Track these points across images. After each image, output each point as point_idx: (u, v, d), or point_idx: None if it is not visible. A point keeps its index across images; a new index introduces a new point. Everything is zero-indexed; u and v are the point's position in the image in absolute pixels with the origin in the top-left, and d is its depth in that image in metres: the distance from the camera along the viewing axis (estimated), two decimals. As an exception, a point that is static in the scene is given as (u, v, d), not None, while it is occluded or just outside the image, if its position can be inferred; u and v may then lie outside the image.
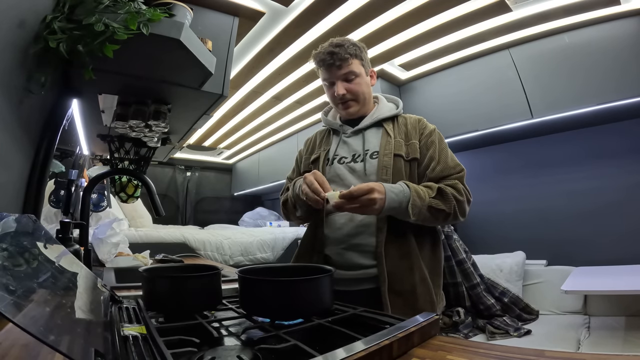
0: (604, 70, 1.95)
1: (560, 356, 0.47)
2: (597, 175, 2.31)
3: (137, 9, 0.87)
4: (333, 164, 1.08)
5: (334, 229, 1.02)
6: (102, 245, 1.59)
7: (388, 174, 0.98)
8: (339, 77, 1.05)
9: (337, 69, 1.04)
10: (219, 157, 4.95)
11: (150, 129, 1.32)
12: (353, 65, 1.04)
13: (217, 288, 0.72)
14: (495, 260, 2.41)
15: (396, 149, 1.01)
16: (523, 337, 1.91)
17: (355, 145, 1.08)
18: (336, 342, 0.49)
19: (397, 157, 1.01)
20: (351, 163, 1.05)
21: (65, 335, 0.35)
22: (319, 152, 1.14)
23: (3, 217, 0.49)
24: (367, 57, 1.11)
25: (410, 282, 0.93)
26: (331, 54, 1.03)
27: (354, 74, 1.05)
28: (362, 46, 1.10)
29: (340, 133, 1.12)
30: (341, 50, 1.03)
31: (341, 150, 1.09)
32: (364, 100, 1.09)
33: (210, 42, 1.23)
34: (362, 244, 0.98)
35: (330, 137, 1.16)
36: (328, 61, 1.04)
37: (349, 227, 1.00)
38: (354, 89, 1.06)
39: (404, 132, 1.06)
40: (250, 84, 2.64)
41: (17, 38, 0.70)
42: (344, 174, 1.05)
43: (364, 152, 1.05)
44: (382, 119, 1.08)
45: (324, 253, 1.02)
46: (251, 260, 2.90)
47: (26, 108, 0.80)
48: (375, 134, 1.08)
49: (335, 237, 1.01)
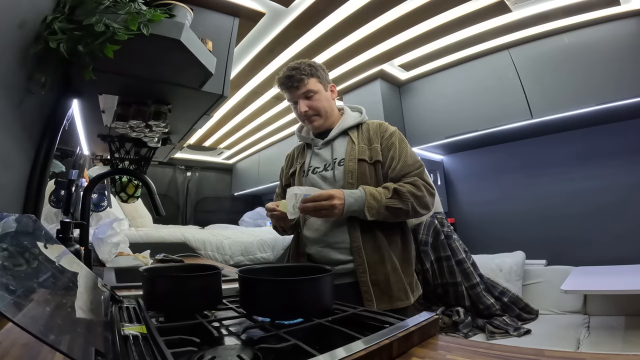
0: (604, 70, 1.96)
1: (559, 355, 0.47)
2: (596, 175, 2.31)
3: (138, 9, 0.87)
4: (308, 174, 1.19)
5: (313, 230, 1.13)
6: (102, 245, 1.59)
7: (353, 177, 1.08)
8: (300, 97, 1.16)
9: (295, 90, 1.16)
10: (219, 157, 4.95)
11: (151, 129, 1.32)
12: (310, 84, 1.15)
13: (217, 288, 0.72)
14: (495, 260, 2.42)
15: (359, 154, 1.11)
16: (523, 336, 1.91)
17: (326, 155, 1.19)
18: (336, 342, 0.49)
19: (361, 162, 1.11)
20: (323, 172, 1.17)
21: (66, 334, 0.35)
22: (295, 166, 1.26)
23: (3, 217, 0.49)
24: (324, 74, 1.21)
25: (383, 272, 1.03)
26: (288, 77, 1.15)
27: (312, 92, 1.15)
28: (319, 66, 1.20)
29: (313, 146, 1.24)
30: (296, 73, 1.14)
31: (314, 162, 1.21)
32: (326, 113, 1.19)
33: (210, 43, 1.24)
34: (337, 241, 1.08)
35: (305, 151, 1.28)
36: (287, 84, 1.16)
37: (325, 227, 1.11)
38: (314, 105, 1.16)
39: (367, 137, 1.16)
40: (251, 84, 2.64)
41: (18, 38, 0.70)
42: (317, 182, 1.16)
43: (333, 161, 1.16)
44: (347, 128, 1.19)
45: (307, 253, 1.14)
46: (251, 260, 2.90)
47: (27, 108, 0.80)
48: (342, 143, 1.18)
49: (314, 238, 1.13)
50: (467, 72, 2.50)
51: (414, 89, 2.84)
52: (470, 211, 2.94)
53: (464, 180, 3.02)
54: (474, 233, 2.83)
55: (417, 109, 2.81)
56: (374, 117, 2.59)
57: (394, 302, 1.00)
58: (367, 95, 2.78)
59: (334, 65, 2.37)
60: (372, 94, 2.74)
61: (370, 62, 2.42)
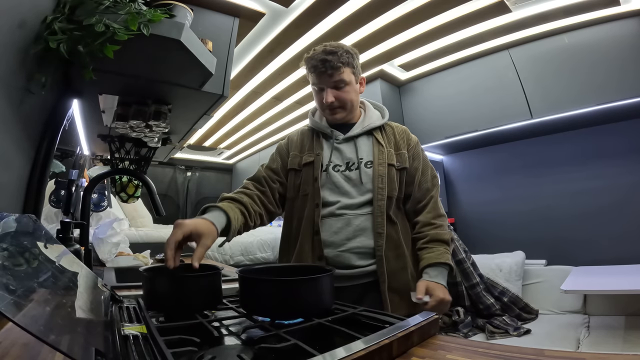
0: (604, 70, 1.96)
1: (559, 355, 0.47)
2: (596, 175, 2.31)
3: (138, 9, 0.87)
4: (327, 170, 1.08)
5: (331, 233, 1.03)
6: (102, 245, 1.59)
7: (383, 182, 1.04)
8: (329, 85, 1.05)
9: (328, 77, 1.04)
10: (219, 157, 4.95)
11: (151, 129, 1.32)
12: (344, 73, 1.04)
13: (217, 288, 0.72)
14: (494, 260, 2.42)
15: (389, 159, 1.07)
16: (523, 336, 1.91)
17: (348, 153, 1.10)
18: (336, 342, 0.49)
19: (390, 167, 1.07)
20: (346, 172, 1.08)
21: (66, 334, 0.35)
22: (312, 156, 1.11)
23: (3, 217, 0.49)
24: (359, 64, 1.12)
25: (404, 281, 1.02)
26: (323, 62, 1.03)
27: (344, 82, 1.05)
28: (355, 52, 1.10)
29: (331, 139, 1.12)
30: (334, 58, 1.02)
31: (335, 158, 1.10)
32: (351, 107, 1.10)
33: (210, 43, 1.24)
34: (360, 247, 1.02)
35: (320, 140, 1.14)
36: (320, 68, 1.03)
37: (347, 231, 1.03)
38: (342, 97, 1.06)
39: (393, 142, 1.12)
40: (251, 84, 2.64)
41: (18, 38, 0.70)
42: (339, 182, 1.07)
43: (358, 161, 1.08)
44: (373, 128, 1.13)
45: (323, 255, 1.03)
46: (251, 260, 2.90)
47: (27, 108, 0.80)
48: (367, 142, 1.11)
49: (332, 241, 1.03)
50: (467, 72, 2.50)
51: (414, 89, 2.84)
52: (470, 211, 2.94)
53: (464, 180, 3.02)
54: (473, 233, 2.83)
55: (417, 109, 2.81)
56: (374, 117, 2.60)
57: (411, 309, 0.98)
58: (367, 95, 2.74)
59: (334, 65, 2.37)
60: (372, 94, 2.74)
61: (370, 62, 2.42)
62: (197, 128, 1.71)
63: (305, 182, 1.09)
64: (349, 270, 1.02)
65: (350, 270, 1.02)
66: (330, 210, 1.04)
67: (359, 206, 1.04)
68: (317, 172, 1.08)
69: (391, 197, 1.05)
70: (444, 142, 2.67)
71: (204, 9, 1.52)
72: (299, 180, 1.11)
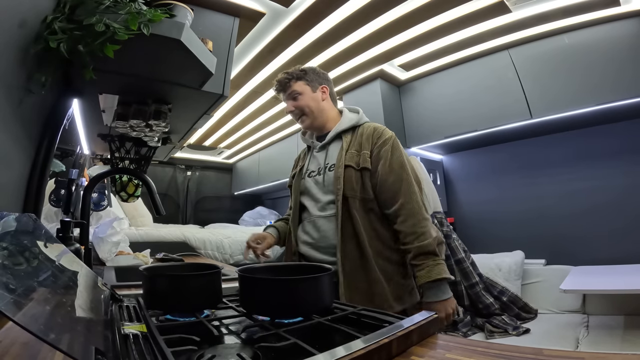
0: (603, 70, 1.96)
1: (558, 355, 0.47)
2: (596, 175, 2.31)
3: (138, 9, 0.87)
4: (304, 177, 1.24)
5: (303, 232, 1.19)
6: (102, 244, 1.59)
7: (340, 183, 1.10)
8: (287, 98, 1.24)
9: (284, 92, 1.25)
10: (219, 157, 4.95)
11: (151, 129, 1.33)
12: (295, 86, 1.22)
13: (217, 287, 0.72)
14: (494, 260, 2.42)
15: (347, 160, 1.12)
16: (522, 335, 1.91)
17: (320, 159, 1.22)
18: (336, 341, 0.49)
19: (348, 168, 1.11)
20: (316, 176, 1.20)
21: (66, 333, 0.35)
22: (297, 169, 1.32)
23: (3, 216, 0.49)
24: (314, 77, 1.25)
25: (366, 280, 1.05)
26: (277, 81, 1.25)
27: (296, 92, 1.22)
28: (310, 69, 1.26)
29: (312, 149, 1.28)
30: (285, 76, 1.24)
31: (311, 165, 1.25)
32: (312, 112, 1.22)
33: (210, 43, 1.24)
34: (324, 246, 1.13)
35: (307, 153, 1.32)
36: (277, 87, 1.26)
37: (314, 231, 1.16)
38: (298, 105, 1.22)
39: (359, 142, 1.16)
40: (251, 84, 2.64)
41: (18, 38, 0.70)
42: (310, 186, 1.21)
43: (325, 166, 1.19)
44: (342, 131, 1.21)
45: (299, 252, 1.19)
46: (251, 259, 2.89)
47: (27, 108, 0.80)
48: (336, 147, 1.20)
49: (304, 239, 1.18)
50: (467, 72, 2.50)
51: (414, 89, 2.84)
52: (469, 211, 2.94)
53: (464, 179, 3.02)
54: (473, 232, 2.83)
55: (417, 109, 2.81)
56: (373, 117, 2.60)
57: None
58: (366, 95, 2.78)
59: (333, 65, 2.37)
60: (371, 94, 2.74)
61: (370, 62, 2.42)
62: (197, 127, 1.72)
63: (293, 190, 1.28)
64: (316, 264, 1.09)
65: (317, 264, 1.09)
66: (305, 214, 1.20)
67: (323, 207, 1.14)
68: (297, 180, 1.26)
69: (348, 198, 1.08)
70: (443, 142, 2.67)
71: (204, 8, 1.52)
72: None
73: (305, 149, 1.37)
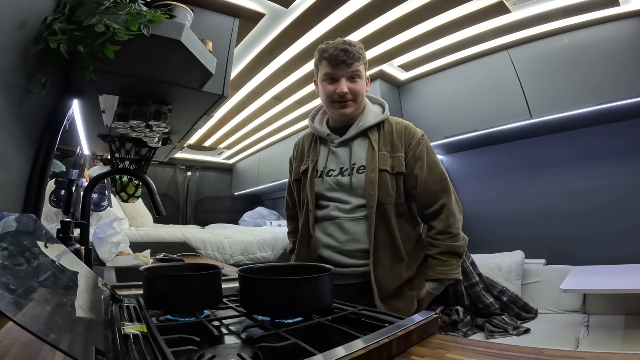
0: (603, 71, 1.96)
1: (559, 355, 0.47)
2: (595, 176, 2.31)
3: (138, 10, 0.87)
4: (322, 177, 1.10)
5: (325, 235, 1.08)
6: (103, 244, 1.59)
7: (374, 189, 1.01)
8: (346, 75, 1.05)
9: (346, 67, 1.04)
10: (219, 157, 4.95)
11: (151, 130, 1.33)
12: (360, 66, 1.06)
13: (217, 287, 0.72)
14: (494, 260, 2.42)
15: (381, 164, 1.03)
16: (522, 335, 1.91)
17: (343, 158, 1.09)
18: (336, 341, 0.49)
19: (383, 172, 1.03)
20: (339, 177, 1.08)
21: (66, 333, 0.35)
22: (307, 163, 1.15)
23: (4, 216, 0.49)
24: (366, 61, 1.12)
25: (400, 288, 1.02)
26: (345, 51, 1.03)
27: (358, 75, 1.06)
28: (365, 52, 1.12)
29: (329, 143, 1.13)
30: (354, 50, 1.04)
31: (330, 163, 1.11)
32: (360, 102, 1.10)
33: (210, 43, 1.24)
34: (352, 250, 1.04)
35: (318, 145, 1.16)
36: (341, 57, 1.03)
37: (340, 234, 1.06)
38: (356, 89, 1.06)
39: (390, 142, 1.07)
40: (251, 84, 2.64)
41: (19, 39, 0.70)
42: (331, 187, 1.08)
43: (351, 167, 1.07)
44: (368, 128, 1.09)
45: (318, 254, 1.08)
46: (252, 260, 2.90)
47: (27, 108, 0.80)
48: (362, 145, 1.09)
49: (327, 243, 1.07)
50: (467, 73, 2.50)
51: (414, 89, 2.84)
52: (469, 210, 2.91)
53: (464, 180, 3.02)
54: (473, 232, 2.80)
55: (417, 110, 2.81)
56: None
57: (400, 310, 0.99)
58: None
59: (334, 65, 2.37)
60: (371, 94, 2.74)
61: (370, 63, 2.40)
62: (197, 128, 1.72)
63: (303, 189, 1.14)
64: (343, 269, 1.03)
65: (344, 269, 1.03)
66: (324, 213, 1.08)
67: (351, 211, 1.05)
68: (311, 179, 1.11)
69: (384, 204, 1.02)
70: (443, 142, 2.66)
71: (204, 9, 1.52)
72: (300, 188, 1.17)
73: (310, 137, 1.21)
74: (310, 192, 1.10)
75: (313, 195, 1.09)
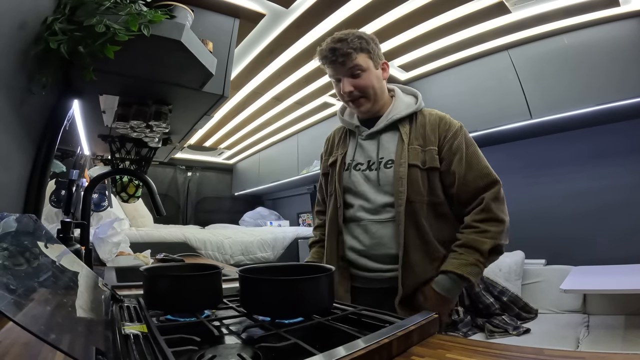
0: (603, 71, 1.96)
1: (559, 354, 0.47)
2: (595, 176, 2.31)
3: (138, 10, 0.87)
4: (349, 170, 1.04)
5: (351, 237, 1.02)
6: (103, 244, 1.59)
7: (403, 185, 0.93)
8: (345, 74, 0.98)
9: (340, 65, 0.97)
10: (219, 157, 4.95)
11: (151, 130, 1.33)
12: (358, 59, 0.97)
13: (217, 287, 0.72)
14: (494, 260, 2.41)
15: (411, 158, 0.95)
16: (522, 335, 1.91)
17: (370, 151, 1.03)
18: (336, 341, 0.49)
19: (413, 167, 0.94)
20: (366, 171, 1.01)
21: (66, 333, 0.35)
22: (336, 155, 1.10)
23: (4, 216, 0.49)
24: (377, 48, 1.04)
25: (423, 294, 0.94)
26: (333, 51, 0.97)
27: (359, 69, 0.98)
28: (370, 38, 1.03)
29: (357, 135, 1.07)
30: (343, 46, 0.96)
31: (358, 156, 1.04)
32: (375, 95, 1.01)
33: (211, 44, 1.24)
34: (379, 254, 0.97)
35: (347, 138, 1.11)
36: (330, 58, 0.97)
37: (365, 238, 0.99)
38: (361, 84, 0.98)
39: (422, 135, 0.98)
40: (251, 84, 2.64)
41: (19, 39, 0.70)
42: (358, 181, 1.02)
43: (378, 160, 1.00)
44: (398, 120, 1.01)
45: (347, 258, 1.02)
46: (252, 260, 2.90)
47: (27, 108, 0.81)
48: (391, 138, 1.01)
49: (352, 245, 1.01)
50: (467, 73, 2.50)
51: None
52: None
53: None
54: (473, 233, 2.82)
55: (417, 109, 2.80)
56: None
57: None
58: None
59: (334, 65, 2.37)
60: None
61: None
62: (197, 128, 1.72)
63: (331, 182, 1.08)
64: (368, 273, 0.98)
65: (370, 273, 0.98)
66: (350, 213, 1.02)
67: (376, 210, 0.97)
68: (339, 172, 1.05)
69: (413, 202, 0.92)
70: (443, 142, 2.66)
71: (204, 9, 1.52)
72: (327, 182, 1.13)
73: (340, 130, 1.15)
74: (339, 185, 1.04)
75: (341, 188, 1.03)
